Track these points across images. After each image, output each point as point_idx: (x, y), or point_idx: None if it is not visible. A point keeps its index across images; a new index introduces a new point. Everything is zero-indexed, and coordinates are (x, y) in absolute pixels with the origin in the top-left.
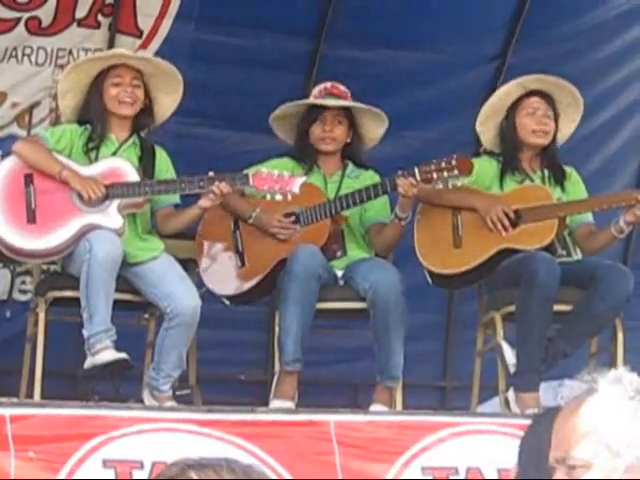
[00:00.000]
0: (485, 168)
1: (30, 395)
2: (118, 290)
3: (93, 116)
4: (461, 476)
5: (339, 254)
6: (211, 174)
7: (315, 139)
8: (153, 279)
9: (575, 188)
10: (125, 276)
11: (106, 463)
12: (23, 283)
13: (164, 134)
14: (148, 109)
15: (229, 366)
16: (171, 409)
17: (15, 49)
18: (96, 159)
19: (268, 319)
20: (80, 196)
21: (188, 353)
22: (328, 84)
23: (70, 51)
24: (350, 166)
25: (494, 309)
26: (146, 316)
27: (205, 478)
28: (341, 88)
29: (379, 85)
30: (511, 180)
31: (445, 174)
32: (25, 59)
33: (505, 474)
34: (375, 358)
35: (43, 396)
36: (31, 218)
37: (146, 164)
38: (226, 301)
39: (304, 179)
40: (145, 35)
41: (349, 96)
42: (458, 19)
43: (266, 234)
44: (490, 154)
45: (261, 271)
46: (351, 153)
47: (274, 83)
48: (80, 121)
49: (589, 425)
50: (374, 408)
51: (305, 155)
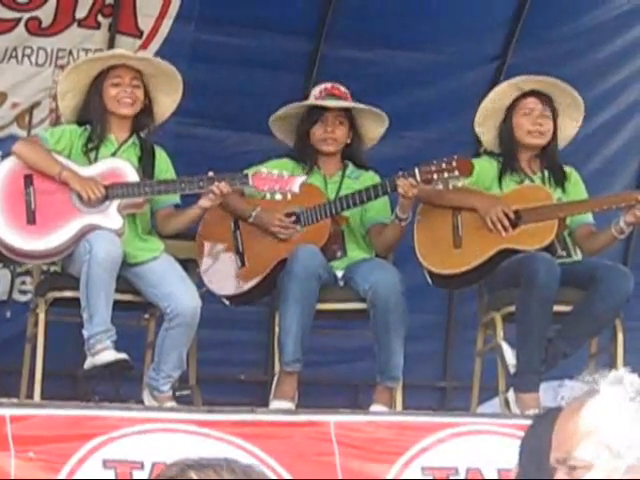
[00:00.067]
0: (485, 168)
1: (30, 395)
2: (118, 290)
3: (93, 116)
4: (461, 476)
5: (339, 254)
6: (211, 174)
7: (316, 140)
8: (153, 279)
9: (575, 188)
10: (125, 276)
11: (106, 463)
12: (23, 283)
13: (164, 134)
14: (148, 109)
15: (229, 366)
16: (171, 409)
17: (15, 49)
18: (96, 159)
19: (268, 319)
20: (80, 197)
21: (188, 353)
22: (328, 85)
23: (70, 51)
24: (350, 167)
25: (494, 309)
26: (146, 316)
27: (205, 478)
28: (341, 89)
29: (379, 85)
30: (510, 180)
31: (445, 175)
32: (25, 59)
33: (505, 474)
34: (375, 358)
35: (43, 396)
36: (31, 219)
37: (146, 164)
38: (226, 301)
39: (304, 178)
40: (145, 35)
41: (349, 97)
42: (458, 19)
43: (266, 234)
44: (490, 154)
45: (261, 271)
46: (351, 154)
47: (274, 83)
48: (80, 121)
49: (590, 426)
50: (374, 408)
51: (305, 156)
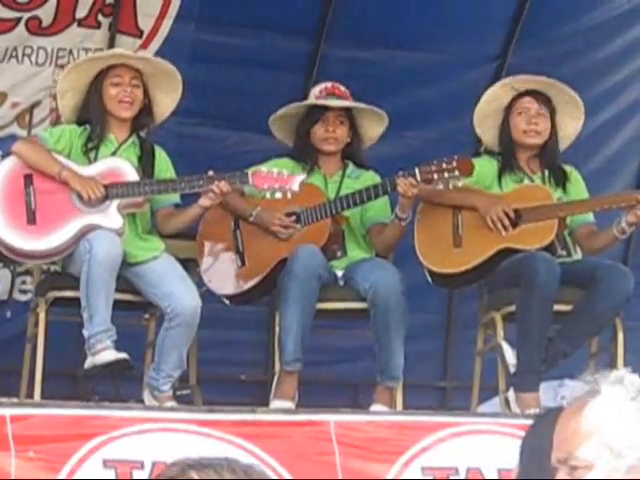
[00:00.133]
0: (485, 168)
1: (30, 395)
2: (118, 290)
3: (92, 116)
4: (461, 476)
5: (339, 254)
6: (210, 173)
7: (317, 139)
8: (153, 279)
9: (576, 188)
10: (125, 276)
11: (106, 463)
12: (23, 283)
13: (164, 134)
14: (147, 109)
15: (229, 366)
16: (171, 409)
17: (15, 49)
18: (95, 159)
19: (268, 319)
20: (80, 196)
21: (188, 353)
22: (328, 84)
23: (70, 51)
24: (350, 166)
25: (494, 309)
26: (146, 316)
27: (206, 478)
28: (342, 88)
29: (379, 85)
30: (510, 180)
31: (446, 175)
32: (25, 59)
33: (505, 474)
34: (375, 358)
35: (43, 396)
36: (31, 219)
37: (145, 164)
38: (226, 301)
39: (303, 177)
40: (145, 35)
41: (349, 96)
42: (458, 19)
43: (266, 234)
44: (490, 154)
45: (261, 271)
46: (351, 153)
47: (274, 83)
48: (79, 121)
49: (591, 426)
50: (374, 408)
51: (306, 155)
